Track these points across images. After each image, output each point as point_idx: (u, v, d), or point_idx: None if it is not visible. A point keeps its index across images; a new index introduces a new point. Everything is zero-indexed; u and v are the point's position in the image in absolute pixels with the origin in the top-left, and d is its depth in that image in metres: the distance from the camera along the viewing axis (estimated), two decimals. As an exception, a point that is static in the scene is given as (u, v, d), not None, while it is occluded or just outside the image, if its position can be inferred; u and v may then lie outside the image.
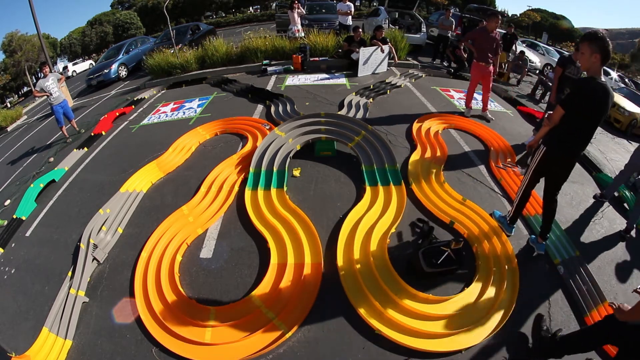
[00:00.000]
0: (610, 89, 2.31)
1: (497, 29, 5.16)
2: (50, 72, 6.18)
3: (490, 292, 2.60)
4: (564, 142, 2.49)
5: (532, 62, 11.06)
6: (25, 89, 29.91)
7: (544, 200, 2.84)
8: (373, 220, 3.22)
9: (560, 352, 2.03)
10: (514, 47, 9.58)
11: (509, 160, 4.29)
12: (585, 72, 2.44)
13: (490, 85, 5.45)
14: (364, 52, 7.61)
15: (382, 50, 7.73)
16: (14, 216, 4.05)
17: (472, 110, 5.68)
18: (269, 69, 8.35)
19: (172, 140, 5.07)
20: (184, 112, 6.41)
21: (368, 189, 3.63)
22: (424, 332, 2.31)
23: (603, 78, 2.33)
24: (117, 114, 6.92)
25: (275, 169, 3.90)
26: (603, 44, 2.20)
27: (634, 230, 3.32)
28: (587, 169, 4.50)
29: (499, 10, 26.96)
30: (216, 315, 2.49)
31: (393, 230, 3.16)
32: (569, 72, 4.48)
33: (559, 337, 2.11)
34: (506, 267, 2.78)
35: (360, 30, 8.36)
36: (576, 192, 3.94)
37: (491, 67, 5.25)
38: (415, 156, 4.26)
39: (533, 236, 3.10)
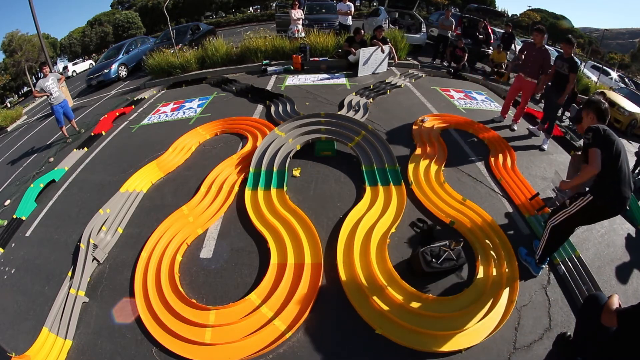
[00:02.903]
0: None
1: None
2: (50, 72, 6.18)
3: (490, 291, 2.60)
4: (612, 191, 2.31)
5: (532, 62, 11.02)
6: (25, 89, 29.90)
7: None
8: (373, 221, 3.22)
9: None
10: (513, 47, 9.57)
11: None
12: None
13: (527, 99, 5.26)
14: (364, 53, 7.61)
15: (383, 50, 7.74)
16: (14, 216, 4.05)
17: (504, 119, 5.63)
18: (269, 69, 8.35)
19: (172, 140, 5.06)
20: (184, 112, 6.41)
21: (368, 189, 3.63)
22: (424, 332, 2.31)
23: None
24: (117, 114, 6.92)
25: (275, 169, 3.90)
26: (597, 105, 2.46)
27: (634, 230, 3.30)
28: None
29: (499, 10, 26.89)
30: (216, 315, 2.49)
31: (393, 230, 3.16)
32: (556, 65, 4.61)
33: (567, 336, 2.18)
34: (506, 266, 2.79)
35: (362, 31, 8.37)
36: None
37: (529, 80, 4.97)
38: (415, 156, 4.26)
39: (524, 250, 2.96)
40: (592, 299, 2.02)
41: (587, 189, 2.43)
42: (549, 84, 4.84)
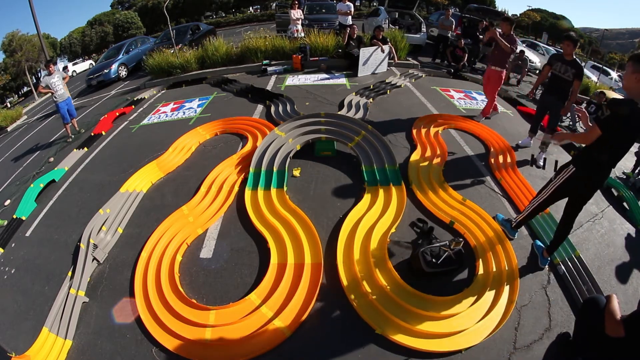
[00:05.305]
0: None
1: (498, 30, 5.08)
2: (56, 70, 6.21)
3: (490, 292, 2.60)
4: (595, 164, 2.36)
5: (532, 62, 11.04)
6: (25, 89, 29.88)
7: (562, 218, 2.69)
8: (373, 220, 3.22)
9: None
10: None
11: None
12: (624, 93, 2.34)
13: (493, 90, 5.28)
14: (364, 52, 7.62)
15: (383, 50, 7.74)
16: (14, 216, 4.05)
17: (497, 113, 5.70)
18: (269, 69, 8.35)
19: (172, 140, 5.06)
20: (184, 112, 6.41)
21: (368, 189, 3.63)
22: (424, 332, 2.31)
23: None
24: (117, 114, 6.92)
25: (275, 169, 3.90)
26: (636, 55, 2.09)
27: (634, 230, 3.32)
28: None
29: (499, 10, 26.85)
30: (216, 315, 2.49)
31: (393, 230, 3.16)
32: (554, 69, 4.13)
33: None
34: (506, 266, 2.79)
35: (355, 26, 8.45)
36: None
37: (493, 68, 5.05)
38: (415, 156, 4.26)
39: (538, 242, 3.02)
40: (590, 302, 2.02)
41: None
42: (547, 89, 4.37)
